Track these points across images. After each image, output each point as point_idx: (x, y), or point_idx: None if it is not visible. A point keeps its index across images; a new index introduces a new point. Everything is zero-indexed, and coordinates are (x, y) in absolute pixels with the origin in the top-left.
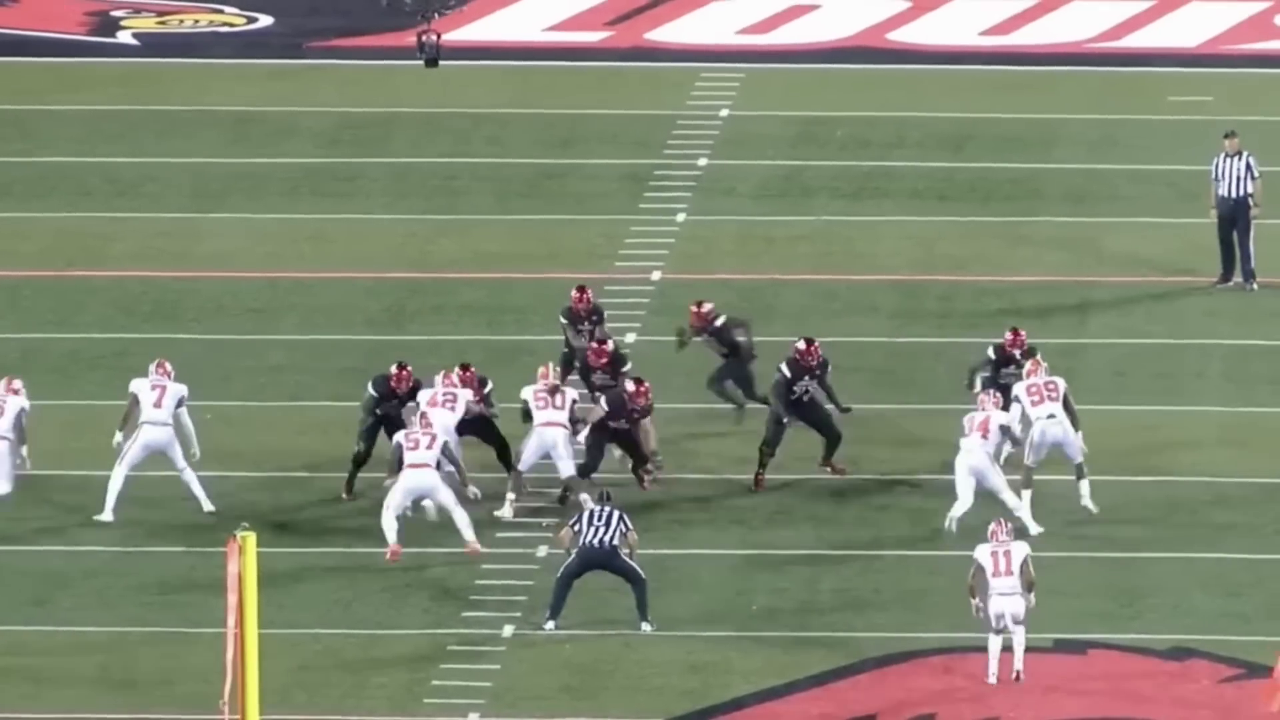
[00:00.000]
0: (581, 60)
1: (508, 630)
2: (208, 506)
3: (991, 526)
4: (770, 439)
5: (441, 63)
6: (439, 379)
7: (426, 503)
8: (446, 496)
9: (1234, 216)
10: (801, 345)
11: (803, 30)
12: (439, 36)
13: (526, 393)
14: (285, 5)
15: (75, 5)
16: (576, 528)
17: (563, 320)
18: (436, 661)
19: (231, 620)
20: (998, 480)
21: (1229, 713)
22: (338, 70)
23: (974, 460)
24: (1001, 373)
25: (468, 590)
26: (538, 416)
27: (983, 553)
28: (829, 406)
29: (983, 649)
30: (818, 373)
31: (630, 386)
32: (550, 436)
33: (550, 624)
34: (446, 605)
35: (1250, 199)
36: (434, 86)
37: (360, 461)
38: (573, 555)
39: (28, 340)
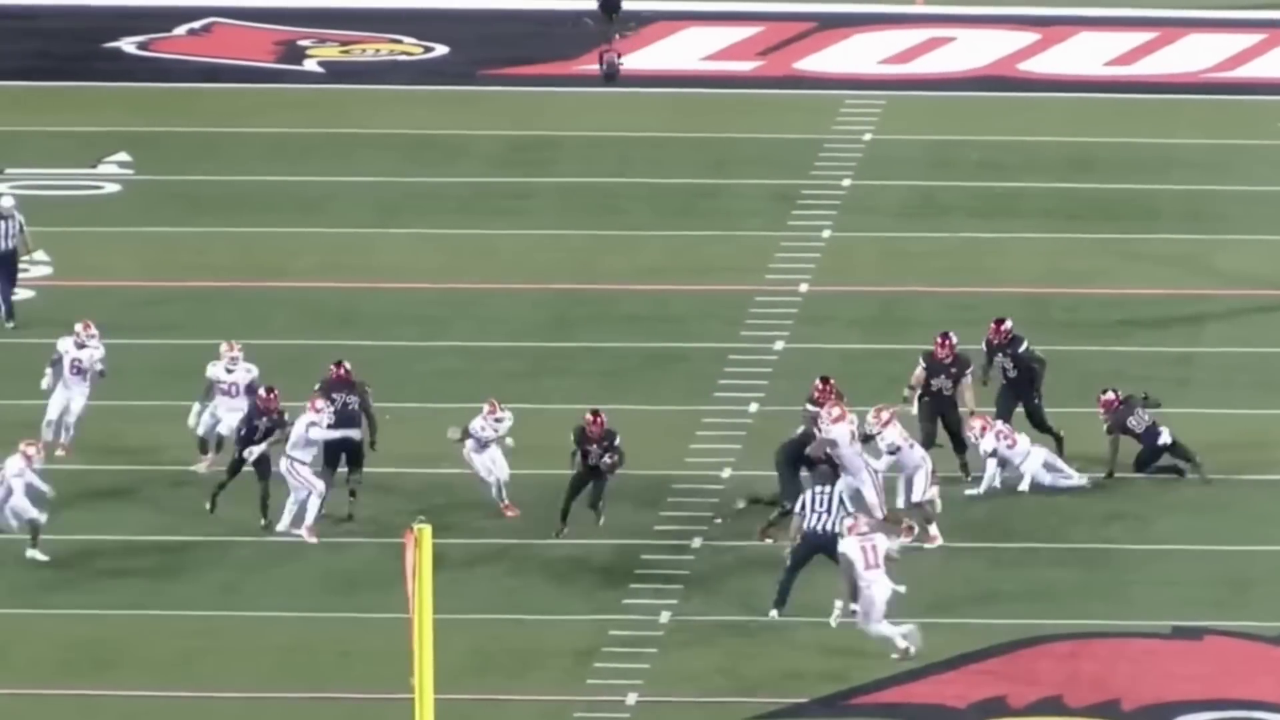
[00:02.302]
0: (735, 88)
1: (664, 616)
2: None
3: (849, 522)
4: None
5: (605, 89)
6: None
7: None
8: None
9: None
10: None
11: (940, 60)
12: (620, 55)
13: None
14: (459, 36)
15: (264, 35)
16: (801, 514)
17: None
18: (598, 645)
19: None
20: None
21: None
22: (508, 96)
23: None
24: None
25: (627, 579)
26: None
27: (850, 546)
28: None
29: (1107, 635)
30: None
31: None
32: None
33: (774, 612)
34: (608, 592)
35: None
36: (598, 111)
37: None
38: (798, 543)
39: (219, 345)
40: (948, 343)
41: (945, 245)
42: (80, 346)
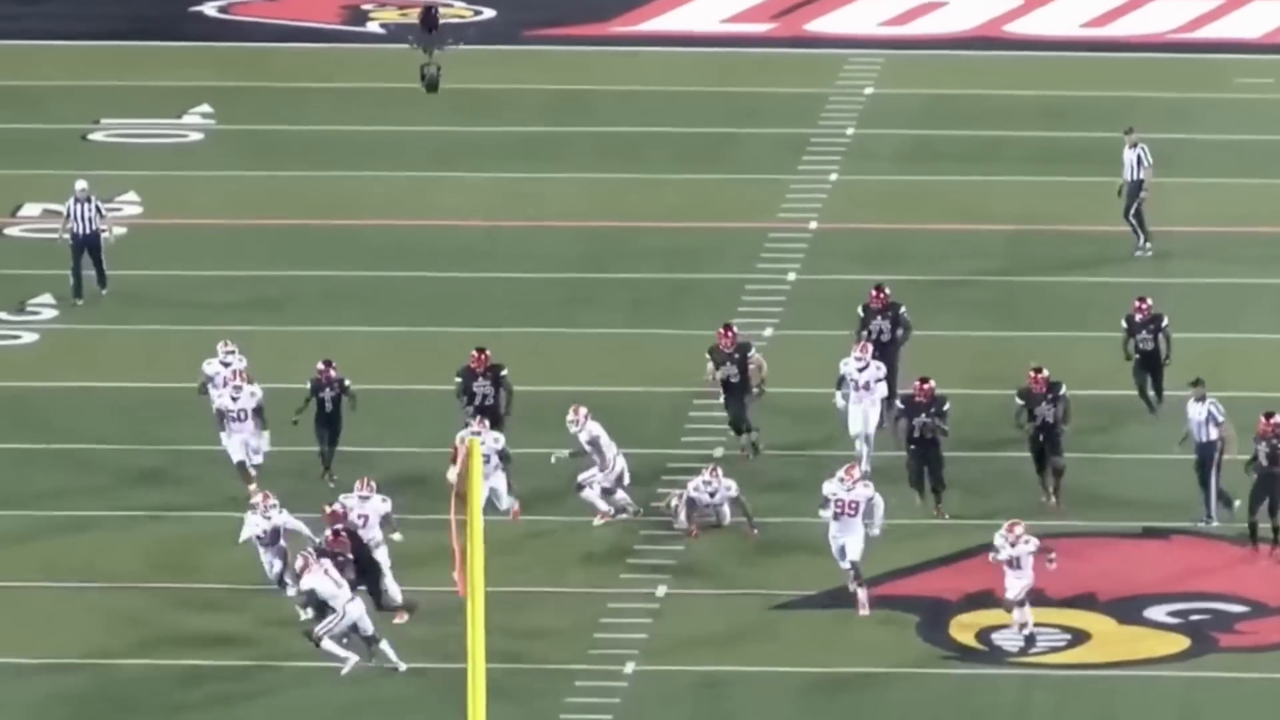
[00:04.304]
0: (750, 47)
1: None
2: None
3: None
4: None
5: (635, 49)
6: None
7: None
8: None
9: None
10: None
11: (933, 22)
12: (439, 69)
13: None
14: (505, 0)
15: None
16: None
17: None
18: (631, 543)
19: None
20: None
21: None
22: (549, 55)
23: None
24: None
25: (655, 483)
26: None
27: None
28: None
29: (1085, 535)
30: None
31: None
32: None
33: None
34: (638, 497)
35: (1142, 182)
36: (628, 68)
37: None
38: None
39: (292, 277)
40: (730, 333)
41: (937, 187)
42: (226, 365)
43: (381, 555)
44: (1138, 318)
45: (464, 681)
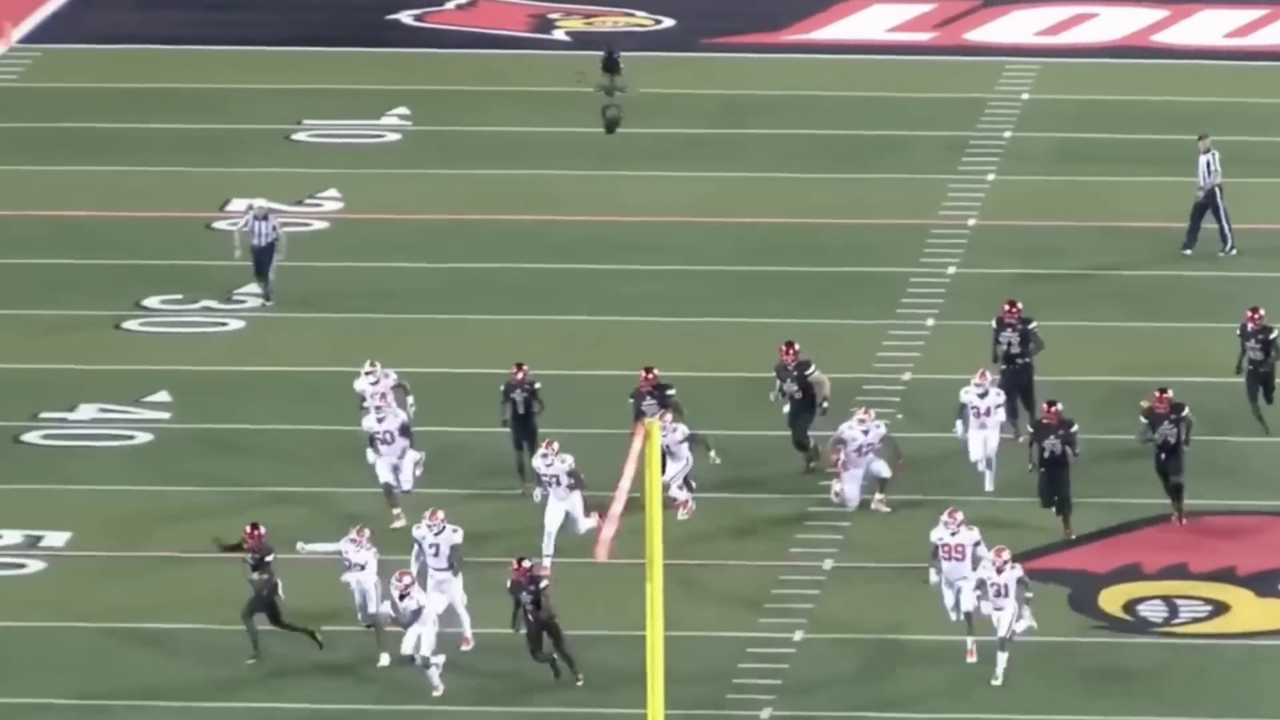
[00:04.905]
0: (914, 54)
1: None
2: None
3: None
4: None
5: (806, 56)
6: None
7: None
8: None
9: (1205, 201)
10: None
11: (1086, 32)
12: (620, 109)
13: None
14: (683, 10)
15: (520, 9)
16: None
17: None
18: (800, 519)
19: (625, 484)
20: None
21: None
22: (725, 61)
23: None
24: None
25: (826, 463)
26: None
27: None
28: None
29: (1224, 513)
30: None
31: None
32: None
33: None
34: (807, 476)
35: (1217, 188)
36: (801, 74)
37: None
38: None
39: (482, 269)
40: (792, 350)
41: (1089, 188)
42: (375, 383)
43: (456, 588)
44: (1249, 326)
45: (642, 649)
